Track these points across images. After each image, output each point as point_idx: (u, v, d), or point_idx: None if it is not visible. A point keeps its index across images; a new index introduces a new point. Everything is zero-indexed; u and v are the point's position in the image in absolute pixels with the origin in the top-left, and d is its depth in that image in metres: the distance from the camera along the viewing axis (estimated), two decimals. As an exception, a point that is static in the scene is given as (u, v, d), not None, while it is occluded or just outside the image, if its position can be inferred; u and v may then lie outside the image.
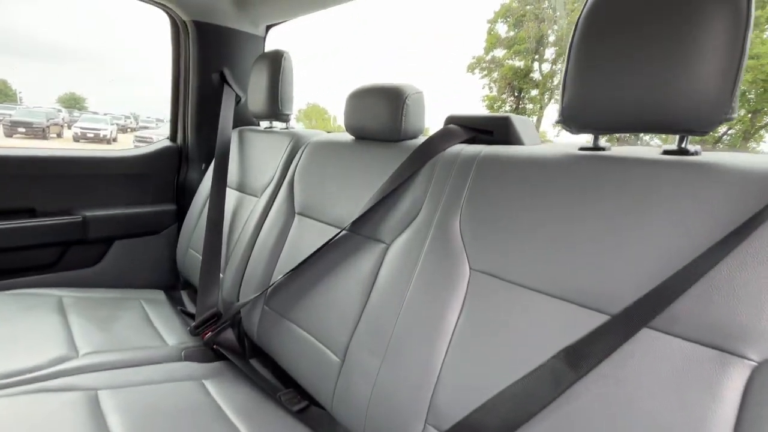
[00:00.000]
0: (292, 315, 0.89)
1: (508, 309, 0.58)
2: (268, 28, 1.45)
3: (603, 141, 0.63)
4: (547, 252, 0.57)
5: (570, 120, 0.58)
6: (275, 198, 1.07)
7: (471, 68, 18.31)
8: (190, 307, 1.30)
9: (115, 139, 15.16)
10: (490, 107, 18.04)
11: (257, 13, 1.34)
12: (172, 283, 1.48)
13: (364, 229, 0.82)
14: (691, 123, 0.49)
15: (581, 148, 0.63)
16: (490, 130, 0.76)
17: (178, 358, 0.96)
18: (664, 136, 0.58)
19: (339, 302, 0.80)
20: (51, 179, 1.26)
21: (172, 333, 1.07)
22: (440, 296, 0.65)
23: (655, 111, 0.50)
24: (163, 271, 1.47)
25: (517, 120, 0.75)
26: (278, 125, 1.32)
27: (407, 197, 0.77)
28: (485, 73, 18.22)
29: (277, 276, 0.95)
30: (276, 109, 1.19)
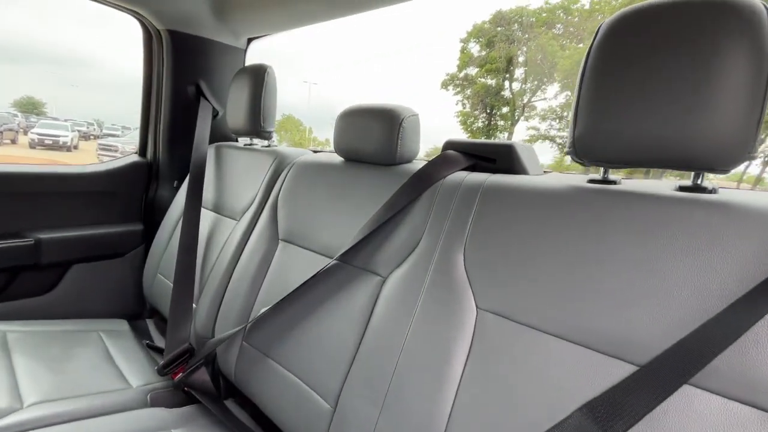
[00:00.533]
0: (275, 353, 0.81)
1: (520, 354, 0.54)
2: (250, 41, 1.38)
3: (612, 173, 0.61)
4: (560, 292, 0.53)
5: (581, 152, 0.55)
6: (257, 222, 0.99)
7: (445, 85, 18.80)
8: (158, 340, 1.19)
9: (75, 147, 14.39)
10: (464, 123, 18.54)
11: (238, 25, 1.27)
12: (137, 312, 1.35)
13: (357, 259, 0.76)
14: (710, 160, 0.47)
15: (590, 181, 0.60)
16: (493, 157, 0.73)
17: (143, 403, 0.86)
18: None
19: (329, 341, 0.73)
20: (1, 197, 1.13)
21: (136, 372, 0.96)
22: (445, 337, 0.59)
23: (672, 146, 0.48)
24: (127, 299, 1.34)
25: (521, 148, 0.72)
26: (259, 142, 1.25)
27: (405, 227, 0.72)
28: (458, 89, 18.76)
29: (259, 308, 0.87)
30: (257, 126, 1.12)
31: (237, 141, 1.50)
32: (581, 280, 0.51)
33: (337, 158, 0.93)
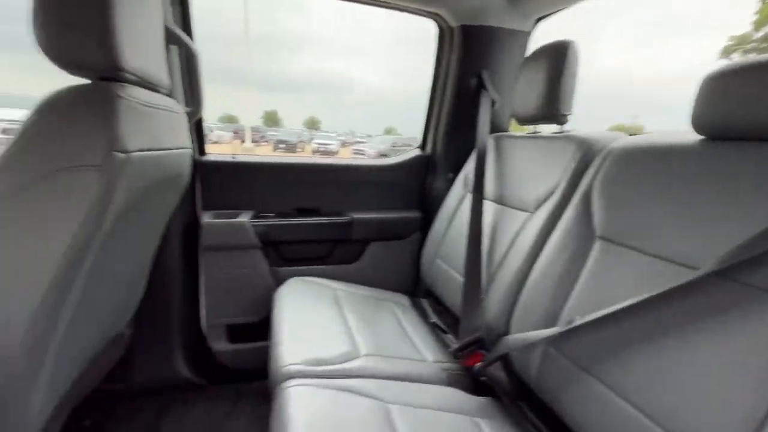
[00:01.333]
0: (605, 374, 0.67)
1: None
2: (537, 22, 1.29)
3: None
4: None
5: None
6: (560, 216, 0.88)
7: (727, 52, 13.95)
8: (432, 317, 1.27)
9: (336, 153, 18.69)
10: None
11: (530, 5, 1.20)
12: (412, 290, 1.50)
13: (750, 275, 0.53)
14: None
15: None
16: None
17: (440, 379, 0.90)
18: None
19: (710, 385, 0.54)
20: (330, 184, 1.46)
21: (426, 346, 1.03)
22: None
23: None
24: (405, 276, 1.50)
25: None
26: (546, 129, 1.14)
27: None
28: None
29: (570, 314, 0.76)
30: (553, 110, 1.01)
31: (507, 130, 1.45)
32: None
33: (686, 139, 0.70)
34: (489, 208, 1.14)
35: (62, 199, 0.57)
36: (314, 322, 1.02)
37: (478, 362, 0.90)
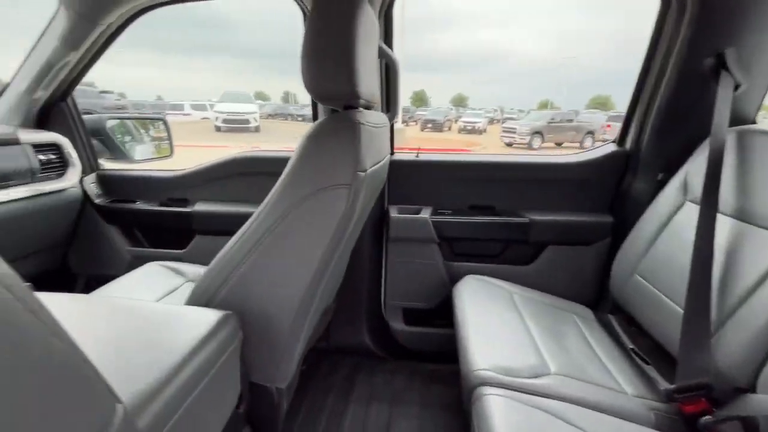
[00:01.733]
0: None
1: None
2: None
3: None
4: None
5: None
6: None
7: None
8: (626, 341, 1.12)
9: (485, 130, 17.86)
10: None
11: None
12: (594, 302, 1.36)
13: None
14: None
15: None
16: None
17: (648, 420, 0.80)
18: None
19: None
20: (506, 182, 1.41)
21: (623, 376, 0.92)
22: None
23: None
24: (587, 287, 1.37)
25: None
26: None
27: None
28: None
29: None
30: None
31: (754, 122, 1.13)
32: None
33: None
34: (723, 224, 0.92)
35: (324, 210, 0.72)
36: (496, 325, 1.03)
37: (702, 412, 0.77)
